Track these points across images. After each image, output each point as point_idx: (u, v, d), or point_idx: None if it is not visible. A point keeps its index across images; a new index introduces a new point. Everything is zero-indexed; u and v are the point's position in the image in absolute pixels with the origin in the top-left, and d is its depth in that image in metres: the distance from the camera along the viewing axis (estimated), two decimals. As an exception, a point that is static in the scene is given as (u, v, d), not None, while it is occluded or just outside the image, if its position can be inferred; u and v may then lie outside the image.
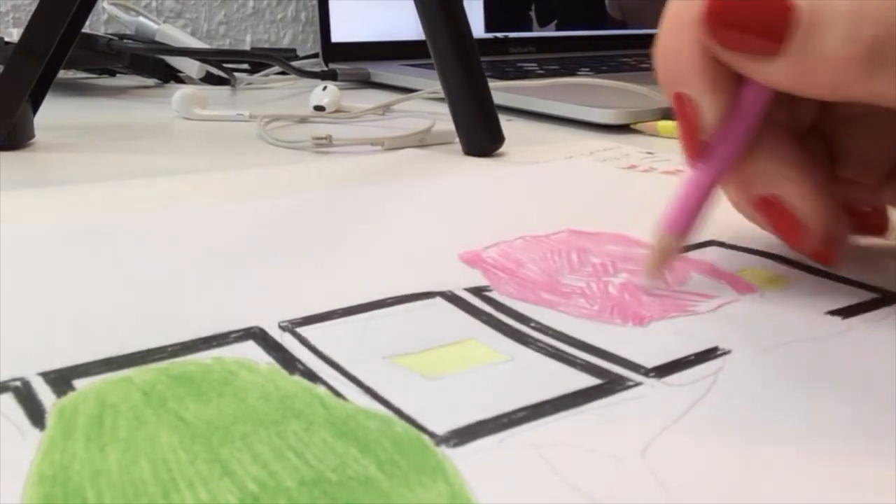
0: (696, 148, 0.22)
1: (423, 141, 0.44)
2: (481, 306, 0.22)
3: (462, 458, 0.15)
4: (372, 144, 0.43)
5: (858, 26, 0.19)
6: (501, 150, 0.42)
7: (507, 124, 0.43)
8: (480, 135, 0.42)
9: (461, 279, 0.24)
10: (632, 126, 0.49)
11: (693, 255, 0.26)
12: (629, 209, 0.31)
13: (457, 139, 0.43)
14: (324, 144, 0.42)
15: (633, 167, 0.39)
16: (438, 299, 0.22)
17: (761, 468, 0.15)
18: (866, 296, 0.23)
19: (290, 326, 0.20)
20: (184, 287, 0.23)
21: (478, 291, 0.23)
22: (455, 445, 0.15)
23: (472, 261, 0.25)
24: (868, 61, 0.19)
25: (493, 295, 0.23)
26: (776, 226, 0.23)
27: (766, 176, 0.23)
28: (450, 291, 0.23)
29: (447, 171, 0.39)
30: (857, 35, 0.19)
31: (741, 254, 0.26)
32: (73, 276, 0.23)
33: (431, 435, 0.16)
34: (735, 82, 0.22)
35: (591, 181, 0.36)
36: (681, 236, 0.23)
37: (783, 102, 0.23)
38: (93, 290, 0.22)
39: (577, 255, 0.26)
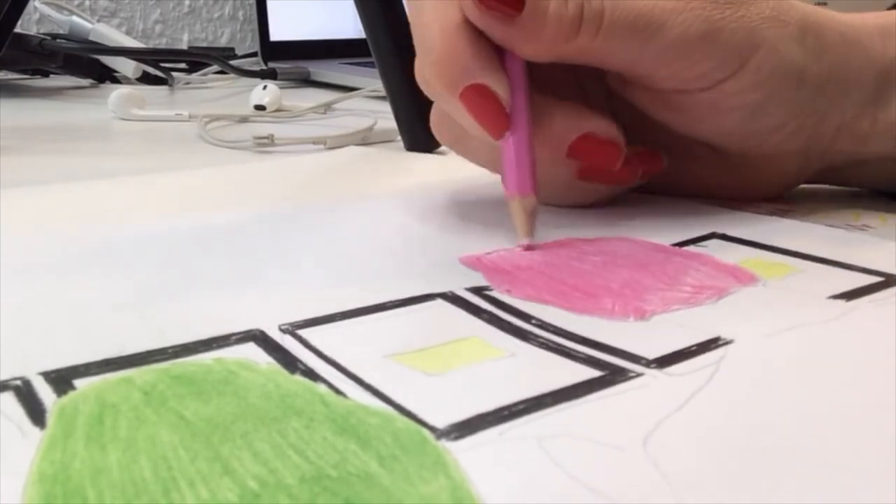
0: (502, 122, 0.27)
1: (365, 139, 0.44)
2: (482, 305, 0.22)
3: (463, 451, 0.15)
4: (314, 143, 0.44)
5: None
6: (443, 147, 0.43)
7: (448, 122, 0.43)
8: (423, 132, 0.42)
9: (461, 281, 0.24)
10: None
11: (695, 247, 0.26)
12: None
13: (399, 137, 0.43)
14: (265, 144, 0.43)
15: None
16: (439, 300, 0.22)
17: (763, 455, 0.15)
18: (870, 279, 0.23)
19: (291, 329, 0.20)
20: (184, 289, 0.23)
21: (478, 291, 0.23)
22: (456, 439, 0.15)
23: (473, 264, 0.25)
24: (574, 20, 0.25)
25: (495, 294, 0.23)
26: (595, 157, 0.29)
27: (572, 124, 0.28)
28: (450, 292, 0.23)
29: (395, 168, 0.39)
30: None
31: (742, 246, 0.26)
32: (74, 276, 0.23)
33: (432, 429, 0.16)
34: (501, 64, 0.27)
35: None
36: (532, 192, 0.27)
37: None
38: (94, 290, 0.22)
39: (578, 256, 0.26)
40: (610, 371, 0.18)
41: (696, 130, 0.30)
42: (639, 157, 0.30)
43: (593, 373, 0.18)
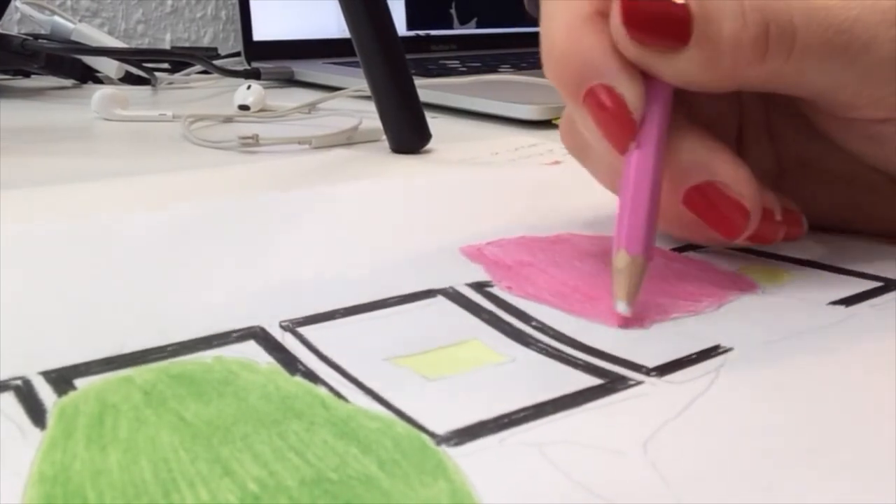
0: (627, 132, 0.22)
1: (350, 139, 0.44)
2: (483, 303, 0.22)
3: (463, 457, 0.15)
4: (299, 143, 0.44)
5: (742, 12, 0.21)
6: (428, 146, 0.43)
7: (433, 121, 0.43)
8: (408, 133, 0.42)
9: (462, 274, 0.24)
10: (553, 121, 0.50)
11: (694, 253, 0.26)
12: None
13: (384, 137, 0.43)
14: (250, 144, 0.42)
15: (556, 163, 0.40)
16: (440, 297, 0.22)
17: (764, 461, 0.15)
18: (868, 284, 0.23)
19: (292, 326, 0.20)
20: (184, 286, 0.23)
21: (479, 287, 0.23)
22: (456, 445, 0.15)
23: (474, 256, 0.25)
24: (757, 41, 0.21)
25: (495, 291, 0.23)
26: (712, 215, 0.23)
27: (699, 164, 0.23)
28: (451, 288, 0.23)
29: (379, 169, 0.39)
30: (743, 19, 0.21)
31: (741, 253, 0.26)
32: (74, 275, 0.23)
33: (432, 435, 0.16)
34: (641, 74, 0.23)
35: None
36: (646, 253, 0.22)
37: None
38: (94, 289, 0.22)
39: (579, 256, 0.26)
40: (610, 379, 0.18)
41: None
42: (783, 217, 0.24)
43: (594, 381, 0.18)
